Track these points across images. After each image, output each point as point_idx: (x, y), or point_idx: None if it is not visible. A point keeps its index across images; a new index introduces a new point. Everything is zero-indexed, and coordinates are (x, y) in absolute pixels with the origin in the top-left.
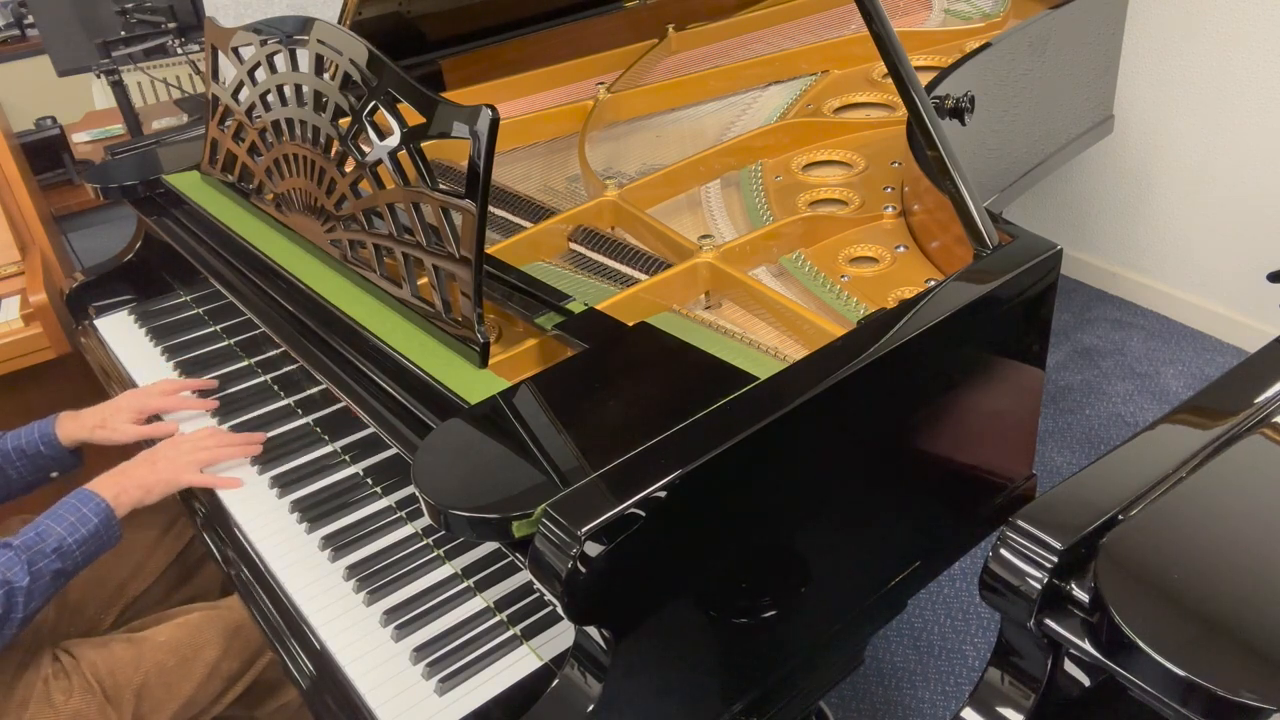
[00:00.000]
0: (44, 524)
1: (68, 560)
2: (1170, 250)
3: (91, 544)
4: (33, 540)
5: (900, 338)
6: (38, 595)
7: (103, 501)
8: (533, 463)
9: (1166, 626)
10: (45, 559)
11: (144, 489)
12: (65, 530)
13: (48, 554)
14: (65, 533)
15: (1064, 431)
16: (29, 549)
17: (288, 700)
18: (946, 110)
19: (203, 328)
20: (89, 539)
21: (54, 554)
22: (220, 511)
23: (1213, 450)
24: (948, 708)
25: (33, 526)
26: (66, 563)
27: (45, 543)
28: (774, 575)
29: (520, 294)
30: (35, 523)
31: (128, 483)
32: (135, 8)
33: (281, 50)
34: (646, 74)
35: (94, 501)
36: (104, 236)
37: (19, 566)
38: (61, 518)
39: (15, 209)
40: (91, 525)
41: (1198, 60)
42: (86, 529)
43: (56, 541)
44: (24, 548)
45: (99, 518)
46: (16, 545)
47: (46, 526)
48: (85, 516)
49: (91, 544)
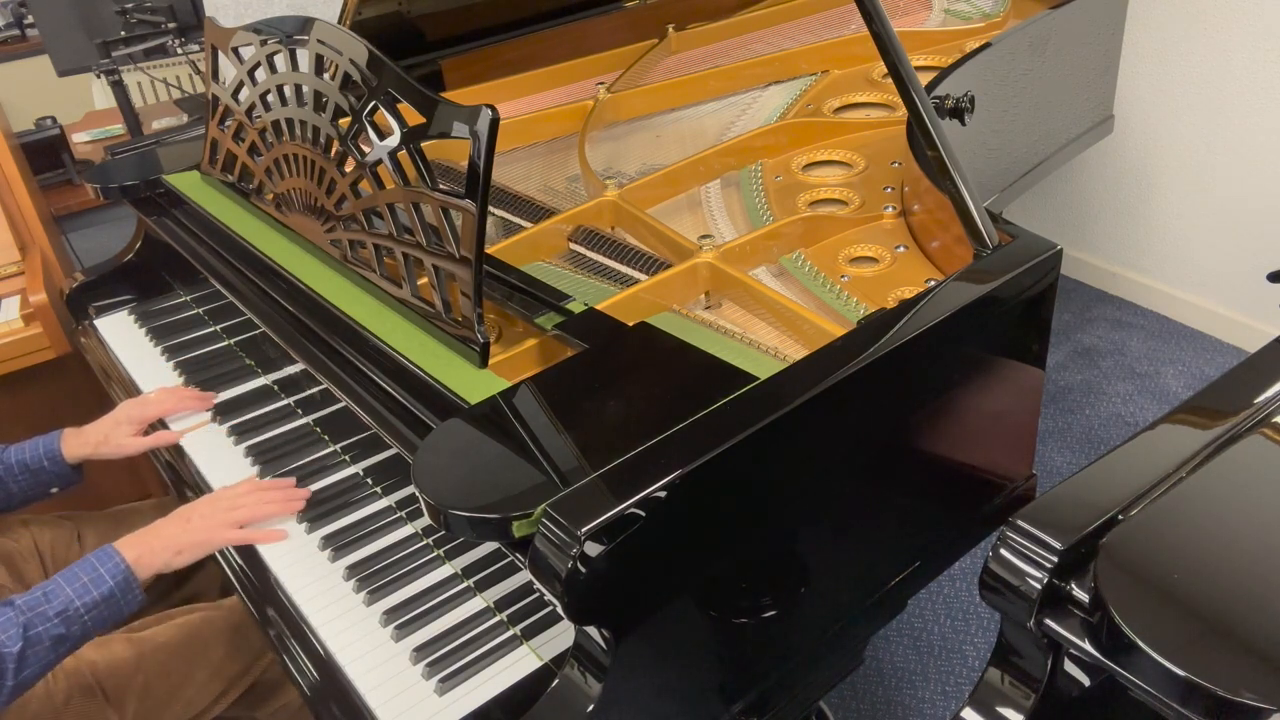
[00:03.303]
0: (55, 583)
1: (72, 625)
2: (1170, 250)
3: (104, 609)
4: (37, 600)
5: (900, 338)
6: (33, 662)
7: (122, 563)
8: (533, 463)
9: (1166, 626)
10: (47, 623)
11: (174, 550)
12: (75, 592)
13: (50, 617)
14: (75, 595)
15: (1064, 431)
16: (31, 610)
17: (288, 701)
18: (946, 110)
19: (203, 328)
20: (100, 603)
21: (58, 618)
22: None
23: (1213, 450)
24: (948, 708)
25: (43, 585)
26: (71, 628)
27: (50, 604)
28: (774, 575)
29: (520, 294)
30: (48, 581)
31: (156, 543)
32: (135, 8)
33: (281, 50)
34: (646, 74)
35: (113, 561)
36: (104, 236)
37: (14, 629)
38: (74, 577)
39: (15, 209)
40: (105, 588)
41: (1198, 60)
42: (99, 591)
43: (63, 604)
44: (25, 608)
45: (115, 580)
46: (19, 605)
47: (56, 586)
48: (100, 578)
49: (104, 609)
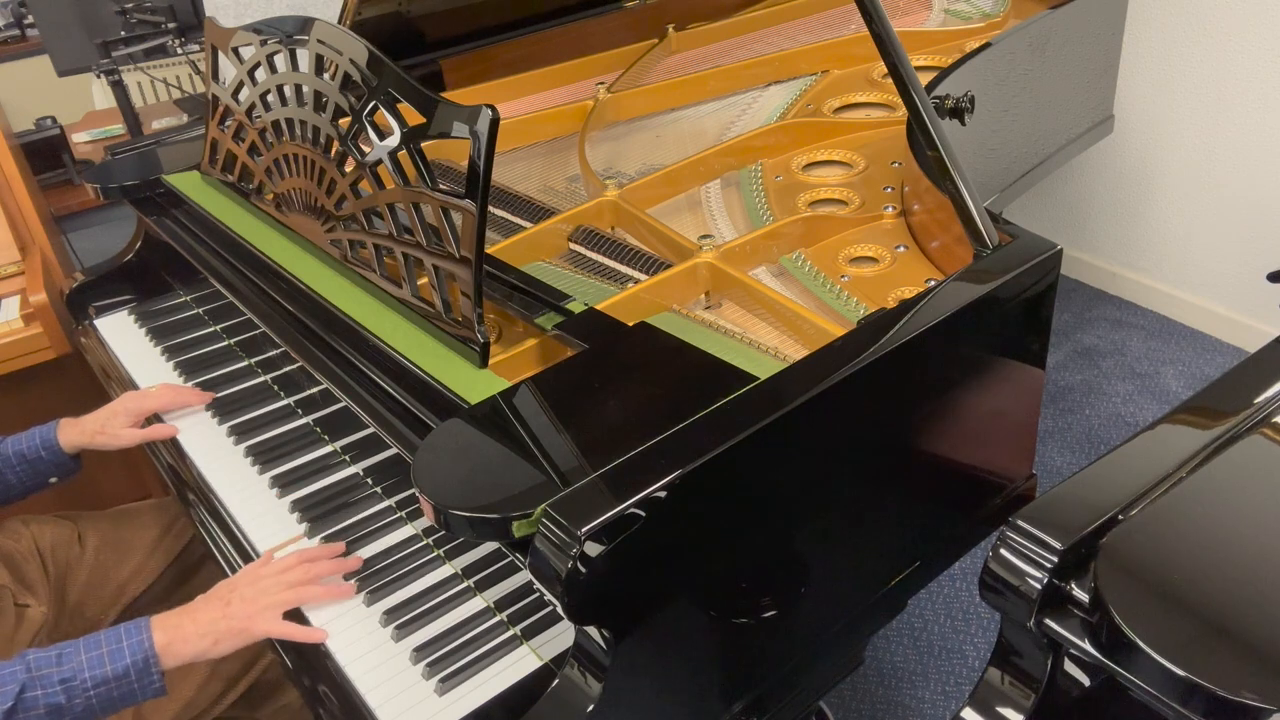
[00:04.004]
0: (74, 646)
1: (75, 698)
2: (1170, 250)
3: (113, 687)
4: (48, 660)
5: (900, 338)
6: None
7: (148, 640)
8: (533, 463)
9: (1166, 626)
10: (48, 687)
11: (212, 638)
12: (89, 661)
13: (53, 683)
14: (86, 664)
15: (1064, 431)
16: (36, 669)
17: (288, 701)
18: (946, 110)
19: (203, 328)
20: (111, 680)
21: (60, 685)
22: (219, 512)
23: (1213, 450)
24: (948, 708)
25: (65, 645)
26: (73, 700)
27: (60, 668)
28: (774, 575)
29: (520, 294)
30: (68, 642)
31: (191, 630)
32: (135, 8)
33: (281, 50)
34: (646, 74)
35: (138, 636)
36: (104, 236)
37: (11, 686)
38: (96, 644)
39: (15, 209)
40: (120, 665)
41: (1198, 60)
42: (113, 667)
43: (70, 672)
44: (31, 666)
45: (134, 658)
46: (29, 660)
47: (74, 649)
48: (119, 651)
49: (113, 687)
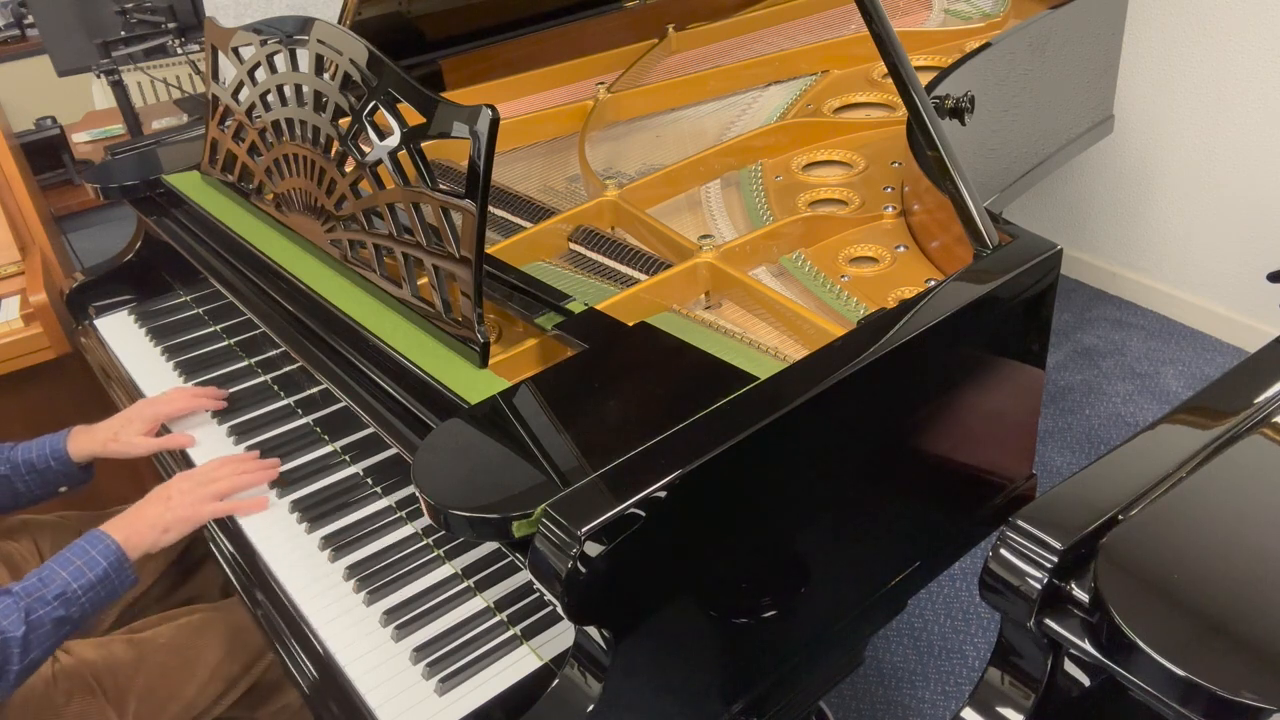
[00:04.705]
0: (49, 568)
1: (72, 607)
2: (1170, 250)
3: (100, 589)
4: (34, 586)
5: (900, 338)
6: (36, 645)
7: (113, 543)
8: (533, 463)
9: (1166, 626)
10: (47, 606)
11: (160, 528)
12: (70, 575)
13: (49, 600)
14: (70, 577)
15: (1064, 431)
16: (29, 595)
17: (288, 701)
18: (946, 110)
19: (203, 328)
20: (96, 584)
21: (57, 600)
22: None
23: (1213, 450)
24: (948, 708)
25: (38, 571)
26: (71, 609)
27: (48, 588)
28: (774, 575)
29: (520, 294)
30: (42, 567)
31: (140, 524)
32: (135, 8)
33: (281, 50)
34: (646, 74)
35: (103, 544)
36: (104, 236)
37: (15, 614)
38: (68, 561)
39: (15, 209)
40: (99, 569)
41: (1198, 60)
42: (94, 573)
43: (60, 587)
44: (24, 594)
45: (108, 561)
46: (16, 591)
47: (51, 571)
48: (93, 560)
49: (100, 589)
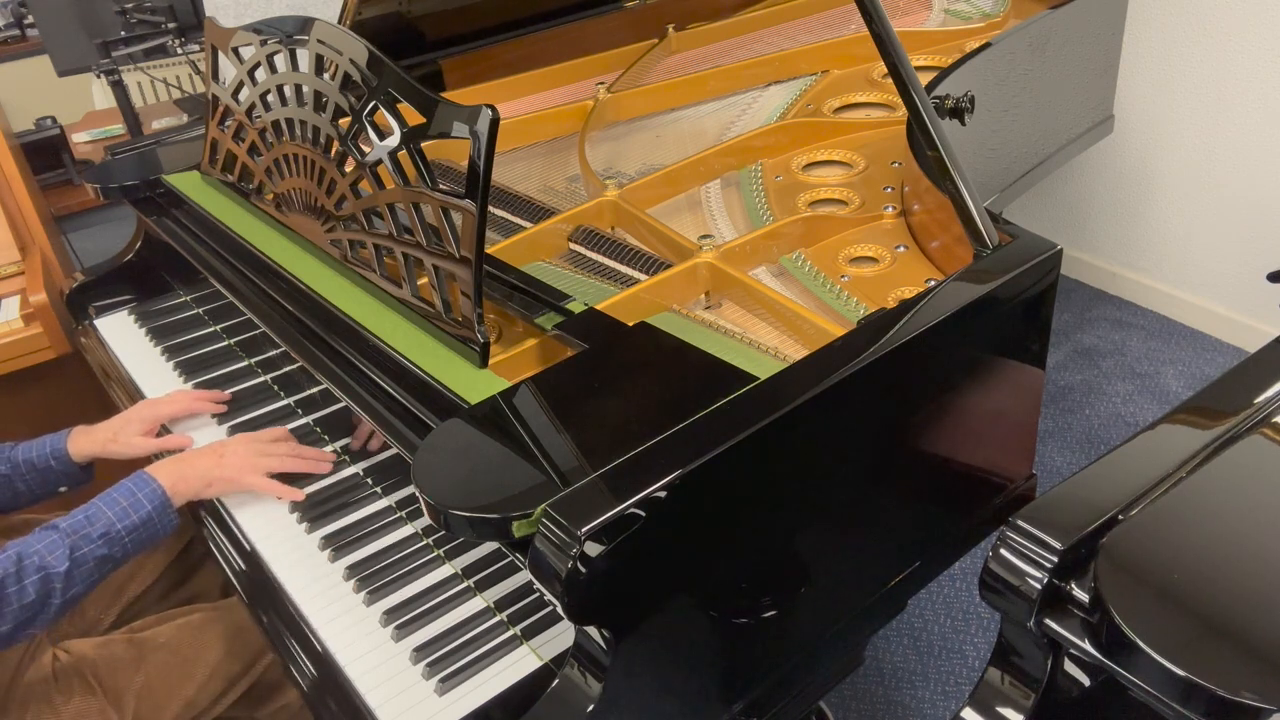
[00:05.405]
0: (95, 506)
1: (115, 547)
2: (1170, 250)
3: (143, 531)
4: (80, 524)
5: (900, 338)
6: (79, 581)
7: (159, 488)
8: (533, 463)
9: (1166, 626)
10: (91, 544)
11: (205, 481)
12: (116, 515)
13: (94, 539)
14: (115, 518)
15: (1064, 431)
16: (74, 533)
17: (288, 701)
18: (946, 110)
19: (203, 328)
20: (140, 526)
21: (101, 539)
22: (219, 511)
23: (1213, 450)
24: (948, 708)
25: (83, 509)
26: (114, 549)
27: (93, 527)
28: (774, 575)
29: (520, 294)
30: (87, 505)
31: (190, 472)
32: (135, 8)
33: (281, 50)
34: (646, 74)
35: (150, 487)
36: (104, 236)
37: (60, 550)
38: (114, 501)
39: (15, 209)
40: (144, 512)
41: (1198, 60)
42: (138, 515)
43: (105, 526)
44: (69, 531)
45: (153, 504)
46: (63, 528)
47: (97, 510)
48: (139, 502)
49: (143, 531)
